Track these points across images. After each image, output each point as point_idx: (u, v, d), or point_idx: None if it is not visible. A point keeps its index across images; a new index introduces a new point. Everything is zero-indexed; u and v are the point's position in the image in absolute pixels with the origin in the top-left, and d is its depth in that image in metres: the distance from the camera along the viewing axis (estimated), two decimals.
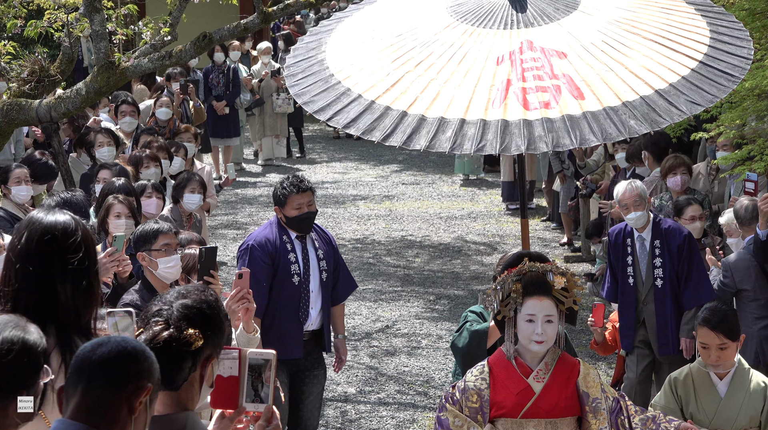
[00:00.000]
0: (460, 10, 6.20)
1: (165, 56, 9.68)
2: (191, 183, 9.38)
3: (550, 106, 5.58)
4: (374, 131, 5.64)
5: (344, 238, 14.51)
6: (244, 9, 17.27)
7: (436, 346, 10.54)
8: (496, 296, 5.09)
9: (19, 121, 9.80)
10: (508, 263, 5.22)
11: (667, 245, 8.21)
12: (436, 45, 5.98)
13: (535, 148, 5.48)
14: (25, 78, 9.94)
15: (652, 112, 5.56)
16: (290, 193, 7.50)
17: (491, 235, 14.64)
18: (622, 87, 5.66)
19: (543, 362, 5.10)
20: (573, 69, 5.72)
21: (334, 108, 5.81)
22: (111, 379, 2.96)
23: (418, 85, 5.78)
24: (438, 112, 5.63)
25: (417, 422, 8.93)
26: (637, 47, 5.89)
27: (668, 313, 8.22)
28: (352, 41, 6.26)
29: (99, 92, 9.62)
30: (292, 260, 7.49)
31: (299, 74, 6.14)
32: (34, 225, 3.74)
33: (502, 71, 5.75)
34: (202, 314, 3.43)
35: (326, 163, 19.62)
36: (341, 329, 7.84)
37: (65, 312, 3.66)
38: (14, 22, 10.40)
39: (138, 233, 6.76)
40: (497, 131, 5.51)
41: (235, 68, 18.05)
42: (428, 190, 17.36)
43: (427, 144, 5.53)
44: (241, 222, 15.45)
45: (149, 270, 6.55)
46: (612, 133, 5.50)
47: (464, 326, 6.24)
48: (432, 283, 12.59)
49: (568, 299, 5.06)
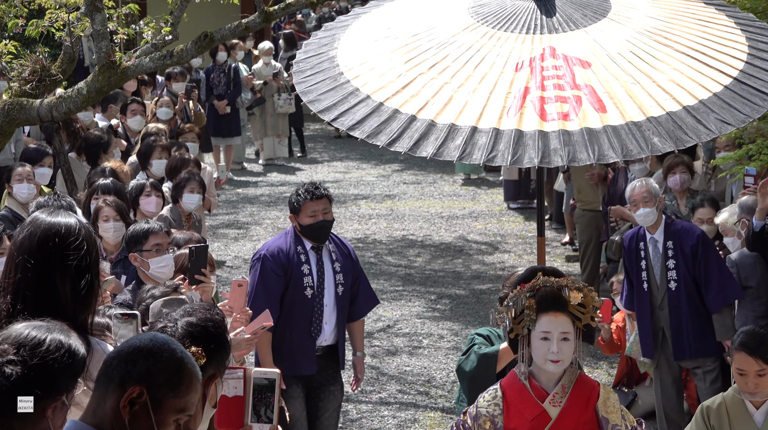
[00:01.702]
0: (481, 11, 5.91)
1: (166, 56, 9.68)
2: (190, 183, 9.38)
3: (569, 118, 5.30)
4: (380, 135, 5.37)
5: (345, 237, 14.46)
6: (245, 8, 17.26)
7: (437, 345, 10.54)
8: (509, 313, 4.73)
9: (21, 121, 9.80)
10: (521, 278, 4.87)
11: (680, 246, 8.03)
12: (453, 47, 5.69)
13: (549, 161, 5.20)
14: (26, 77, 9.93)
15: (678, 130, 5.26)
16: (305, 200, 7.16)
17: (492, 234, 14.64)
18: (648, 101, 5.37)
19: (559, 385, 4.70)
20: (596, 80, 5.43)
21: (340, 108, 5.56)
22: (105, 379, 2.98)
23: (430, 89, 5.50)
24: (449, 119, 5.35)
25: (418, 422, 8.93)
26: (668, 60, 5.58)
27: (684, 317, 8.02)
28: (366, 39, 5.98)
29: (100, 92, 9.61)
30: (306, 271, 7.19)
31: (308, 71, 5.89)
32: (37, 222, 3.78)
33: (521, 78, 5.46)
34: (207, 332, 3.42)
35: (327, 162, 19.61)
36: (360, 346, 7.54)
37: (63, 309, 3.66)
38: (15, 21, 10.39)
39: (129, 234, 6.77)
40: (510, 142, 5.24)
41: (236, 68, 18.05)
42: (429, 189, 17.35)
43: (434, 151, 5.26)
44: (242, 222, 15.44)
45: (142, 270, 6.55)
46: (633, 150, 5.20)
47: (471, 349, 5.87)
48: (433, 282, 12.58)
49: (585, 316, 4.71)
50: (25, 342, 2.98)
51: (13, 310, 3.63)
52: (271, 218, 15.38)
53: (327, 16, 28.25)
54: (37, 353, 2.97)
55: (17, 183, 9.16)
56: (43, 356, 2.97)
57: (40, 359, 2.97)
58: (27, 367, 2.95)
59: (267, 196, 16.96)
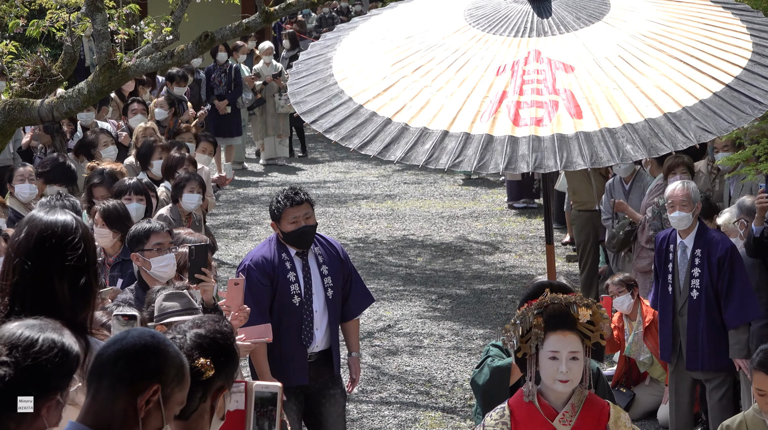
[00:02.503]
0: (475, 14, 5.73)
1: (167, 56, 9.69)
2: (190, 183, 9.38)
3: (542, 124, 5.11)
4: (353, 138, 5.28)
5: (346, 237, 14.51)
6: (246, 8, 17.28)
7: (438, 345, 10.54)
8: (516, 332, 4.59)
9: (21, 121, 9.81)
10: (528, 294, 4.73)
11: (708, 255, 7.85)
12: (440, 50, 5.53)
13: (515, 167, 5.01)
14: (27, 77, 9.94)
15: (654, 137, 5.05)
16: (285, 207, 6.99)
17: (493, 234, 14.64)
18: (628, 107, 5.16)
19: (569, 404, 4.59)
20: (577, 84, 5.23)
21: (321, 110, 5.44)
22: (114, 379, 2.96)
23: (410, 92, 5.35)
24: (422, 123, 5.19)
25: (419, 422, 8.93)
26: (657, 65, 5.34)
27: (701, 328, 7.89)
28: (365, 41, 5.85)
29: (101, 92, 9.62)
30: (292, 279, 7.02)
31: (303, 72, 5.76)
32: (34, 222, 3.77)
33: (500, 82, 5.28)
34: (216, 343, 3.42)
35: (328, 162, 19.62)
36: (355, 346, 7.39)
37: (61, 309, 3.66)
38: (16, 21, 10.40)
39: (130, 234, 6.77)
40: (479, 147, 5.06)
41: (237, 68, 18.07)
42: (430, 189, 17.36)
43: (402, 155, 5.14)
44: (243, 221, 15.45)
45: (144, 270, 6.55)
46: (603, 158, 5.00)
47: (485, 362, 5.73)
48: (434, 282, 12.59)
49: (594, 334, 4.57)
50: (18, 343, 2.99)
51: (11, 311, 3.63)
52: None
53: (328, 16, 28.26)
54: (29, 354, 2.98)
55: (19, 183, 9.17)
56: (36, 357, 2.98)
57: (33, 359, 2.98)
58: (20, 368, 2.95)
59: (268, 196, 16.97)
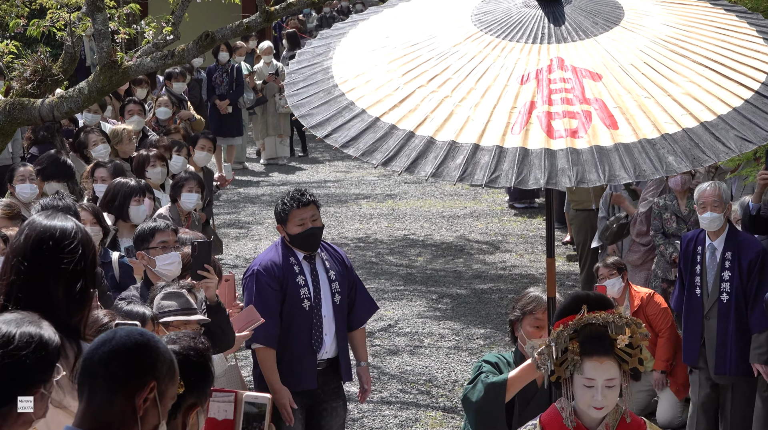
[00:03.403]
0: (485, 19, 5.49)
1: (167, 55, 9.68)
2: (189, 182, 9.38)
3: (577, 135, 4.91)
4: (375, 153, 4.98)
5: (347, 237, 14.51)
6: (246, 8, 17.28)
7: (438, 345, 10.54)
8: (551, 355, 4.34)
9: (22, 121, 9.81)
10: (564, 308, 4.44)
11: (738, 258, 7.73)
12: (454, 58, 5.29)
13: (557, 182, 4.78)
14: (27, 77, 9.93)
15: (695, 148, 4.85)
16: (291, 209, 6.91)
17: (494, 234, 14.64)
18: (663, 117, 4.96)
19: (603, 423, 4.42)
20: (608, 93, 5.03)
21: (333, 124, 5.17)
22: (109, 380, 2.96)
23: (430, 104, 5.10)
24: (449, 136, 4.97)
25: (419, 421, 8.93)
26: (684, 71, 5.16)
27: (730, 331, 7.77)
28: (363, 48, 5.62)
29: (101, 92, 9.62)
30: (301, 283, 6.91)
31: (300, 82, 5.51)
32: (33, 225, 3.81)
33: (526, 92, 5.06)
34: (188, 361, 3.41)
35: (329, 161, 19.63)
36: (363, 355, 7.28)
37: (56, 312, 3.68)
38: (17, 21, 10.40)
39: (136, 233, 6.80)
40: (514, 161, 4.84)
41: (239, 68, 18.08)
42: (430, 189, 17.36)
43: (433, 171, 4.87)
44: (244, 221, 15.45)
45: (149, 268, 6.57)
46: (647, 170, 4.81)
47: (478, 378, 5.49)
48: (434, 282, 12.59)
49: (632, 358, 4.32)
50: None
51: (3, 309, 3.65)
52: (273, 217, 15.30)
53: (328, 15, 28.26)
54: (7, 352, 2.99)
55: (19, 183, 9.16)
56: (13, 354, 3.00)
57: (10, 357, 2.99)
58: None
59: (268, 195, 16.98)
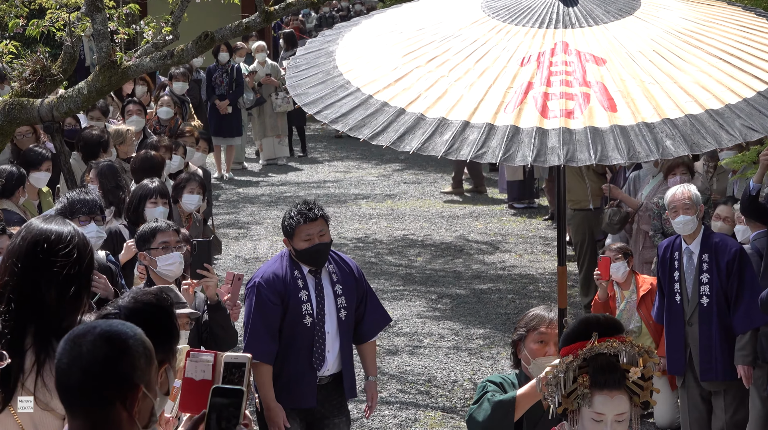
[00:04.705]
0: (494, 5, 5.42)
1: (167, 55, 9.68)
2: (190, 183, 9.39)
3: (572, 116, 4.82)
4: (363, 128, 4.94)
5: (346, 237, 14.51)
6: (246, 8, 17.27)
7: (437, 345, 10.54)
8: (558, 387, 4.15)
9: (21, 121, 9.81)
10: (572, 332, 4.23)
11: (716, 260, 7.60)
12: (457, 41, 5.24)
13: (545, 160, 4.68)
14: (26, 77, 9.93)
15: (696, 134, 4.74)
16: (298, 224, 6.63)
17: (493, 234, 14.64)
18: (666, 102, 4.86)
19: None
20: (610, 77, 4.95)
21: (326, 101, 5.13)
22: (93, 401, 2.90)
23: (425, 82, 5.05)
24: (439, 113, 4.91)
25: (419, 421, 8.93)
26: (695, 62, 5.06)
27: (714, 335, 7.63)
28: (370, 34, 5.59)
29: (101, 92, 9.62)
30: (304, 298, 6.70)
31: (303, 65, 5.50)
32: (30, 227, 3.85)
33: (525, 73, 4.99)
34: (152, 319, 3.34)
35: (328, 162, 19.63)
36: (372, 370, 7.08)
37: (47, 314, 3.71)
38: (16, 21, 10.40)
39: (138, 234, 6.80)
40: (503, 138, 4.76)
41: (239, 68, 18.09)
42: (430, 189, 17.36)
43: (419, 146, 4.80)
44: (243, 221, 15.45)
45: (150, 269, 6.57)
46: (641, 152, 4.71)
47: (484, 397, 5.26)
48: (434, 282, 12.59)
49: (644, 391, 4.14)
50: None
51: None
52: (272, 217, 15.38)
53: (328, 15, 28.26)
54: None
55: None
56: None
57: None
58: None
59: (268, 195, 16.99)
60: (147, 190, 8.15)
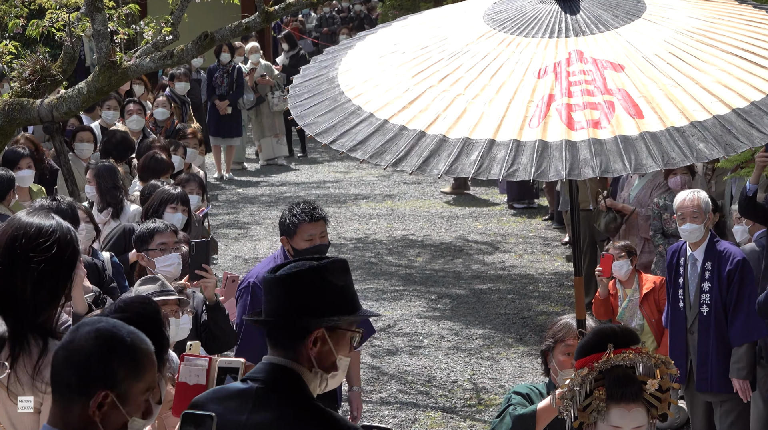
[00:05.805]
0: (498, 18, 5.32)
1: (166, 56, 9.69)
2: (190, 184, 9.38)
3: (600, 126, 4.72)
4: (384, 155, 4.80)
5: (346, 237, 14.51)
6: (245, 8, 17.27)
7: (437, 345, 10.54)
8: (574, 401, 4.05)
9: (21, 121, 9.82)
10: (587, 345, 4.11)
11: (718, 269, 7.50)
12: (467, 57, 5.11)
13: (579, 173, 4.58)
14: (26, 77, 9.94)
15: (728, 134, 4.66)
16: (301, 222, 6.51)
17: (493, 234, 14.64)
18: (692, 104, 4.77)
19: None
20: (631, 83, 4.86)
21: (340, 129, 4.97)
22: (65, 386, 2.91)
23: (441, 102, 4.92)
24: (462, 133, 4.79)
25: (418, 422, 8.93)
26: (713, 60, 4.98)
27: (711, 345, 7.52)
28: (371, 56, 5.46)
29: (100, 92, 9.62)
30: None
31: (305, 94, 5.33)
32: (12, 221, 3.84)
33: (544, 85, 4.88)
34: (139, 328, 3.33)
35: (328, 162, 19.63)
36: (356, 380, 7.10)
37: (23, 308, 3.70)
38: (16, 21, 10.40)
39: (136, 234, 6.80)
40: (533, 154, 4.64)
41: (239, 68, 18.10)
42: (430, 189, 17.37)
43: (447, 168, 4.69)
44: (243, 221, 15.45)
45: (149, 270, 6.57)
46: (675, 158, 4.59)
47: (506, 411, 5.18)
48: (434, 282, 12.59)
49: (662, 403, 4.04)
50: None
51: None
52: (272, 217, 15.38)
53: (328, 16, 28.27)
54: None
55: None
56: None
57: None
58: None
59: (267, 196, 16.99)
60: (169, 195, 7.98)
